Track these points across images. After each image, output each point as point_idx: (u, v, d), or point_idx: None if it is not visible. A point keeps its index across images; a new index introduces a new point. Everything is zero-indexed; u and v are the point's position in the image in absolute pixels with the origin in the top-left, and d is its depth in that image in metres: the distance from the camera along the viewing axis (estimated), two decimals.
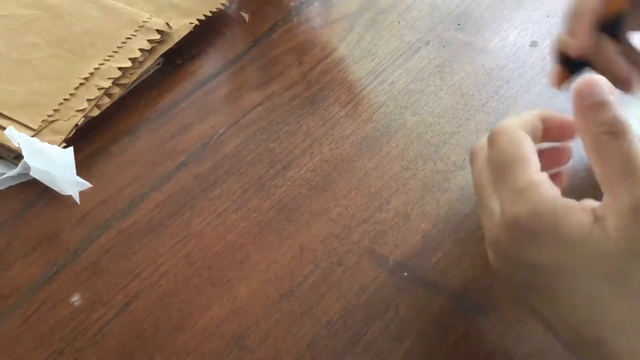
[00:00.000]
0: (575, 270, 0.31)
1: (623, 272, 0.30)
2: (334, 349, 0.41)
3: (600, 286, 0.30)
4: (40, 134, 0.49)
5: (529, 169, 0.32)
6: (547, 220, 0.31)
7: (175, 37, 0.57)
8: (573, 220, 0.30)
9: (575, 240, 0.30)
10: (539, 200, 0.31)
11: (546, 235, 0.31)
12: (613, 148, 0.31)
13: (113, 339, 0.41)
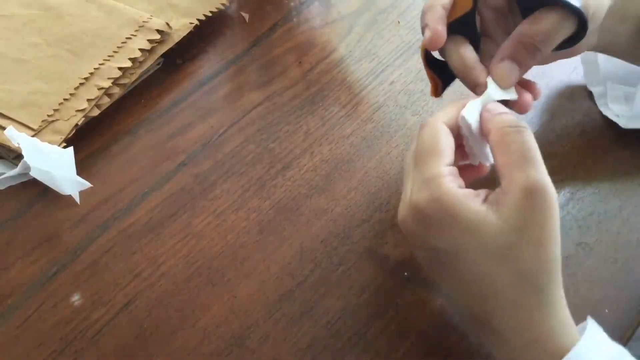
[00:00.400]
0: (470, 251, 0.34)
1: (509, 248, 0.34)
2: (334, 349, 0.41)
3: (491, 263, 0.34)
4: (40, 133, 0.49)
5: (437, 161, 0.35)
6: (445, 207, 0.34)
7: (175, 37, 0.57)
8: (470, 206, 0.34)
9: (471, 224, 0.34)
10: (439, 190, 0.35)
11: (444, 221, 0.34)
12: (515, 139, 0.35)
13: (113, 339, 0.41)
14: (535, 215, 0.34)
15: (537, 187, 0.34)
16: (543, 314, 0.34)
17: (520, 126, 0.36)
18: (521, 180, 0.34)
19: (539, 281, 0.34)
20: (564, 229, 0.46)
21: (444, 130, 0.37)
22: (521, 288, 0.34)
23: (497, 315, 0.35)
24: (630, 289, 0.43)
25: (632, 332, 0.42)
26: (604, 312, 0.42)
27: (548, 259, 0.34)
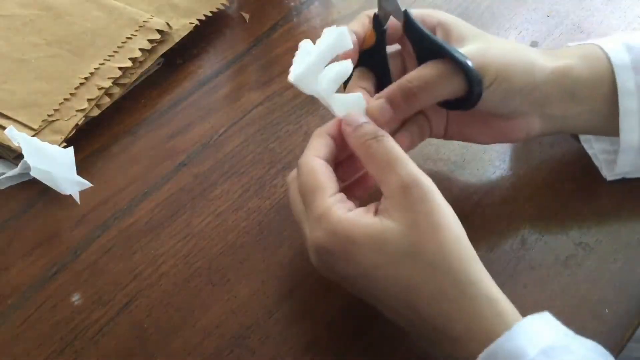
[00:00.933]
0: (380, 266, 0.35)
1: (412, 245, 0.34)
2: (334, 349, 0.41)
3: (404, 269, 0.34)
4: (40, 133, 0.49)
5: (321, 196, 0.36)
6: (342, 237, 0.35)
7: (176, 37, 0.57)
8: (364, 225, 0.35)
9: (371, 240, 0.35)
10: (331, 222, 0.35)
11: (347, 250, 0.35)
12: (378, 147, 0.37)
13: (113, 339, 0.41)
14: (419, 206, 0.35)
15: (409, 182, 0.35)
16: (468, 299, 0.34)
17: (379, 135, 0.38)
18: (395, 182, 0.36)
19: (451, 266, 0.34)
20: (564, 229, 0.46)
21: (318, 164, 0.38)
22: (437, 279, 0.34)
23: (429, 314, 0.35)
24: (630, 289, 0.43)
25: (632, 332, 0.42)
26: (604, 312, 0.42)
27: (449, 240, 0.35)
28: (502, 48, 0.42)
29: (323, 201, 0.36)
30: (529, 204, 0.47)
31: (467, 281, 0.34)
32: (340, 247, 0.36)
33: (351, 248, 0.35)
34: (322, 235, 0.36)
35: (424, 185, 0.35)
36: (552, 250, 0.45)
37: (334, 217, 0.36)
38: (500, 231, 0.46)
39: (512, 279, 0.44)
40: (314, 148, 0.39)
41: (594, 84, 0.43)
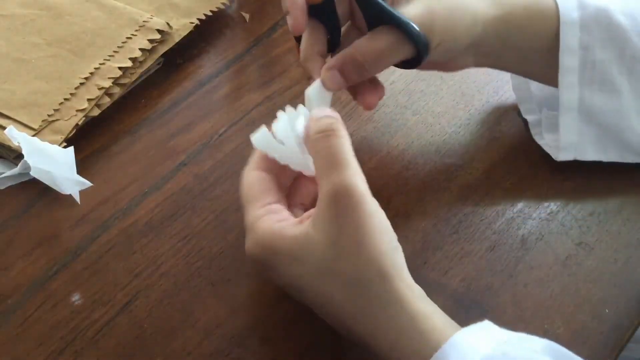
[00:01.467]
0: (303, 277, 0.34)
1: (332, 261, 0.33)
2: (334, 349, 0.41)
3: (325, 284, 0.34)
4: (40, 133, 0.49)
5: (253, 206, 0.37)
6: (266, 247, 0.35)
7: (176, 37, 0.57)
8: (285, 237, 0.35)
9: (293, 253, 0.34)
10: (257, 233, 0.36)
11: (273, 260, 0.35)
12: (323, 145, 0.35)
13: (113, 339, 0.41)
14: (344, 220, 0.33)
15: (339, 191, 0.33)
16: (389, 315, 0.33)
17: (329, 130, 0.36)
18: (326, 189, 0.34)
19: (370, 283, 0.33)
20: (564, 229, 0.46)
21: (255, 175, 0.39)
22: (358, 297, 0.33)
23: (356, 329, 0.34)
24: (630, 289, 0.43)
25: (632, 332, 0.42)
26: (604, 312, 0.42)
27: (371, 258, 0.33)
28: (449, 5, 0.40)
29: (252, 211, 0.37)
30: (529, 204, 0.47)
31: (388, 300, 0.33)
32: (264, 257, 0.36)
33: (273, 258, 0.35)
34: (250, 245, 0.37)
35: (353, 195, 0.33)
36: (552, 250, 0.45)
37: (259, 228, 0.36)
38: (500, 231, 0.46)
39: (512, 279, 0.44)
40: (254, 160, 0.40)
41: (532, 36, 0.43)
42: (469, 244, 0.45)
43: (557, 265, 0.44)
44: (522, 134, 0.52)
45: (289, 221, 0.36)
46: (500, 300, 0.43)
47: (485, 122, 0.53)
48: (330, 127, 0.36)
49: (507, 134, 0.52)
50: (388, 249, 0.34)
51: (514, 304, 0.42)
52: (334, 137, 0.36)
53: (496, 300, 0.43)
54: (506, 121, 0.52)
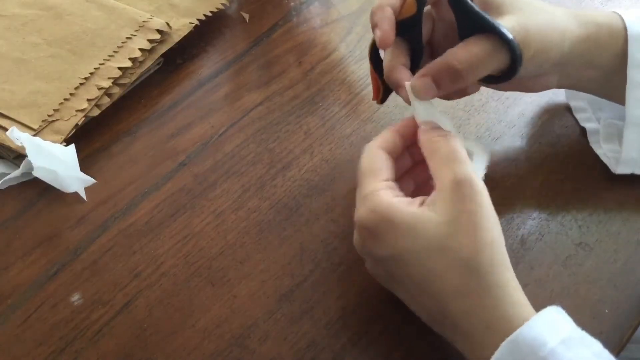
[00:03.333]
0: (412, 251, 0.36)
1: (447, 238, 0.35)
2: (334, 349, 0.41)
3: (433, 258, 0.35)
4: (40, 133, 0.49)
5: (373, 179, 0.38)
6: (381, 215, 0.37)
7: (175, 37, 0.57)
8: (405, 209, 0.36)
9: (409, 225, 0.36)
10: (374, 202, 0.37)
11: (383, 228, 0.37)
12: (442, 144, 0.38)
13: (113, 339, 0.41)
14: (465, 204, 0.35)
15: (463, 179, 0.36)
16: (491, 298, 0.35)
17: (447, 132, 0.39)
18: (449, 176, 0.36)
19: (480, 266, 0.35)
20: (564, 229, 0.46)
21: (379, 152, 0.40)
22: (465, 275, 0.35)
23: (450, 307, 0.36)
24: (630, 289, 0.43)
25: (632, 332, 0.42)
26: (604, 312, 0.42)
27: (485, 242, 0.35)
28: (540, 21, 0.41)
29: (372, 183, 0.38)
30: (529, 204, 0.47)
31: (493, 283, 0.35)
32: (378, 226, 0.37)
33: (387, 228, 0.36)
34: (363, 213, 0.38)
35: (475, 185, 0.36)
36: (552, 250, 0.45)
37: (377, 198, 0.37)
38: None
39: None
40: (381, 139, 0.41)
41: (610, 52, 0.43)
42: None
43: (557, 265, 0.44)
44: (522, 135, 0.52)
45: (405, 199, 0.38)
46: None
47: (484, 122, 0.53)
48: (448, 132, 0.39)
49: (507, 135, 0.52)
50: (499, 237, 0.36)
51: None
52: (451, 137, 0.39)
53: None
54: (506, 121, 0.52)
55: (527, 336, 0.33)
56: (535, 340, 0.33)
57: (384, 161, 0.39)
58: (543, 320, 0.34)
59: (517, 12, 0.40)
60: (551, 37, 0.41)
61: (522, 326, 0.33)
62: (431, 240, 0.35)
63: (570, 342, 0.33)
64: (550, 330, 0.33)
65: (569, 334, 0.34)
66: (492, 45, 0.39)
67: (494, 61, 0.39)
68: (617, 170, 0.47)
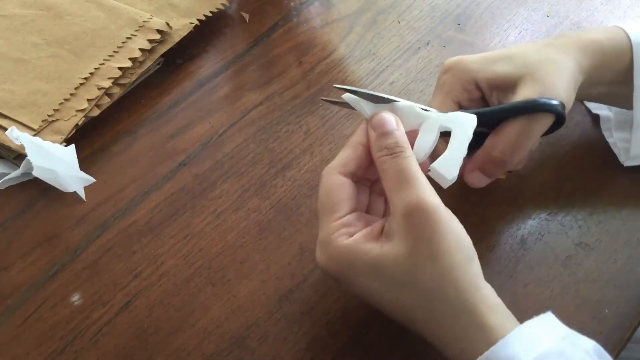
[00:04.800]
0: (378, 291, 0.36)
1: (408, 273, 0.35)
2: (334, 349, 0.41)
3: (400, 294, 0.35)
4: (40, 134, 0.49)
5: (328, 219, 0.37)
6: (342, 263, 0.36)
7: (176, 37, 0.57)
8: (363, 251, 0.36)
9: (370, 268, 0.36)
10: (332, 248, 0.37)
11: (348, 273, 0.36)
12: (390, 165, 0.37)
13: (113, 339, 0.41)
14: (419, 233, 0.35)
15: (412, 207, 0.35)
16: (462, 324, 0.34)
17: (397, 149, 0.37)
18: (399, 205, 0.36)
19: (445, 295, 0.34)
20: (564, 229, 0.46)
21: (338, 180, 0.39)
22: (432, 306, 0.35)
23: (427, 334, 0.36)
24: (630, 289, 0.43)
25: (632, 332, 0.42)
26: (604, 312, 0.42)
27: (446, 269, 0.34)
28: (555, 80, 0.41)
29: (327, 225, 0.37)
30: (529, 204, 0.47)
31: (461, 309, 0.34)
32: (340, 272, 0.37)
33: (349, 273, 0.37)
34: (323, 259, 0.38)
35: (427, 210, 0.35)
36: (552, 250, 0.45)
37: (333, 244, 0.37)
38: (500, 231, 0.46)
39: (512, 279, 0.44)
40: (340, 161, 0.40)
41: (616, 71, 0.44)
42: None
43: (557, 265, 0.44)
44: None
45: (361, 235, 0.37)
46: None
47: None
48: (397, 146, 0.38)
49: None
50: (462, 260, 0.35)
51: (514, 304, 0.42)
52: (402, 158, 0.37)
53: None
54: None
55: (500, 355, 0.32)
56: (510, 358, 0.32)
57: (342, 192, 0.38)
58: (519, 337, 0.33)
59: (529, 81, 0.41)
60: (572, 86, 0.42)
61: (497, 344, 0.33)
62: (394, 277, 0.35)
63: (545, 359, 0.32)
64: (524, 347, 0.33)
65: (545, 350, 0.33)
66: (521, 126, 0.40)
67: (530, 137, 0.40)
68: (626, 163, 0.48)
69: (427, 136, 0.40)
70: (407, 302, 0.35)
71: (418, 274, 0.35)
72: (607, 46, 0.44)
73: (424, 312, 0.35)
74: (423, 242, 0.35)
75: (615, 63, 0.44)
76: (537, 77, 0.41)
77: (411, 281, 0.35)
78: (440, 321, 0.35)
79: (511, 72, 0.42)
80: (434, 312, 0.35)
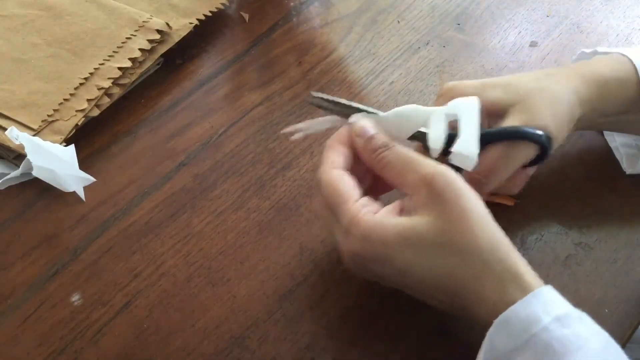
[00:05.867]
0: (414, 261, 0.36)
1: (441, 236, 0.35)
2: (334, 349, 0.41)
3: (436, 259, 0.36)
4: (40, 134, 0.49)
5: (346, 204, 0.38)
6: (374, 241, 0.36)
7: (175, 37, 0.57)
8: (392, 226, 0.36)
9: (403, 239, 0.36)
10: (361, 229, 0.37)
11: (380, 251, 0.37)
12: (391, 156, 0.39)
13: (113, 339, 0.41)
14: (444, 196, 0.36)
15: (430, 176, 0.36)
16: (496, 275, 0.35)
17: (389, 144, 0.39)
18: (416, 179, 0.37)
19: (479, 247, 0.35)
20: (564, 229, 0.46)
21: (336, 174, 0.39)
22: (469, 261, 0.35)
23: (462, 294, 0.36)
24: (630, 289, 0.43)
25: (632, 332, 0.42)
26: (604, 312, 0.42)
27: (476, 222, 0.36)
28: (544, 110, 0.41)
29: (349, 210, 0.37)
30: (529, 204, 0.47)
31: (494, 260, 0.35)
32: (374, 251, 0.37)
33: (384, 250, 0.36)
34: (354, 243, 0.37)
35: (445, 174, 0.36)
36: (552, 250, 0.45)
37: (362, 223, 0.37)
38: None
39: None
40: (329, 160, 0.40)
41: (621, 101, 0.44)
42: None
43: (557, 265, 0.44)
44: None
45: (385, 211, 0.38)
46: None
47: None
48: (386, 141, 0.40)
49: None
50: (487, 215, 0.36)
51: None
52: (395, 147, 0.39)
53: None
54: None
55: (520, 314, 0.33)
56: (528, 318, 0.33)
57: (348, 181, 0.39)
58: (539, 298, 0.34)
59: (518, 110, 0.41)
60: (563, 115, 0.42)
61: (516, 303, 0.33)
62: (427, 243, 0.36)
63: (566, 320, 0.33)
64: (544, 307, 0.34)
65: (565, 312, 0.34)
66: (501, 151, 0.40)
67: (508, 163, 0.41)
68: (628, 171, 0.48)
69: (437, 126, 0.41)
70: (445, 265, 0.36)
71: (451, 232, 0.35)
72: (611, 77, 0.43)
73: (461, 271, 0.35)
74: (450, 202, 0.36)
75: (622, 93, 0.44)
76: (527, 106, 0.41)
77: (446, 241, 0.35)
78: (477, 277, 0.35)
79: (503, 99, 0.42)
80: (470, 268, 0.35)
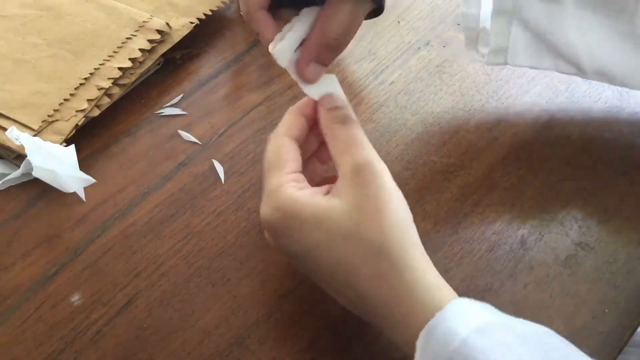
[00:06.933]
0: (321, 243, 0.35)
1: (354, 225, 0.35)
2: (334, 349, 0.41)
3: (344, 248, 0.35)
4: (40, 134, 0.49)
5: (279, 173, 0.38)
6: (288, 212, 0.36)
7: (175, 37, 0.57)
8: (310, 203, 0.36)
9: (316, 218, 0.36)
10: (279, 199, 0.37)
11: (291, 225, 0.36)
12: (341, 131, 0.39)
13: (113, 339, 0.41)
14: (367, 188, 0.36)
15: (362, 163, 0.36)
16: (405, 283, 0.34)
17: (348, 119, 0.39)
18: (348, 162, 0.37)
19: (390, 249, 0.35)
20: (564, 229, 0.46)
21: (285, 141, 0.39)
22: (376, 261, 0.35)
23: (367, 293, 0.35)
24: (630, 289, 0.43)
25: (632, 332, 0.42)
26: (604, 312, 0.42)
27: (391, 225, 0.35)
28: None
29: (277, 178, 0.38)
30: (529, 204, 0.47)
31: (405, 267, 0.34)
32: (284, 223, 0.37)
33: (293, 224, 0.36)
34: (268, 211, 0.37)
35: (374, 168, 0.36)
36: (552, 250, 0.45)
37: (282, 194, 0.37)
38: (500, 231, 0.46)
39: (512, 279, 0.44)
40: (286, 125, 0.40)
41: None
42: (469, 245, 0.45)
43: (557, 265, 0.44)
44: (521, 135, 0.52)
45: (310, 190, 0.37)
46: (500, 300, 0.43)
47: (484, 122, 0.53)
48: (347, 117, 0.39)
49: (507, 135, 0.52)
50: (406, 219, 0.36)
51: (514, 304, 0.42)
52: (352, 124, 0.39)
53: (496, 301, 0.42)
54: (505, 121, 0.52)
55: (439, 330, 0.32)
56: (447, 332, 0.32)
57: (290, 151, 0.39)
58: (455, 311, 0.33)
59: None
60: None
61: (434, 317, 0.32)
62: (339, 229, 0.35)
63: (488, 329, 0.32)
64: (463, 319, 0.32)
65: (485, 320, 0.32)
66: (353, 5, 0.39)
67: (361, 16, 0.40)
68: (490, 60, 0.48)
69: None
70: (352, 258, 0.35)
71: (364, 226, 0.35)
72: None
73: (368, 269, 0.35)
74: (370, 197, 0.35)
75: None
76: None
77: (357, 234, 0.35)
78: (384, 279, 0.34)
79: None
80: (377, 269, 0.34)
